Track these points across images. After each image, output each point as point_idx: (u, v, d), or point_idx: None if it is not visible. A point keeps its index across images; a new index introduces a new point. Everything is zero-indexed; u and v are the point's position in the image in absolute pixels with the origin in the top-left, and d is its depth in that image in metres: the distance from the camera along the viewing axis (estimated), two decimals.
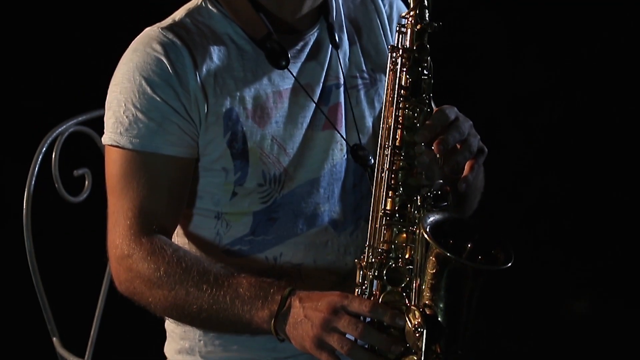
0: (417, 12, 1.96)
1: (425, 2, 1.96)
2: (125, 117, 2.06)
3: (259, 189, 2.11)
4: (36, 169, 2.65)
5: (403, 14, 1.98)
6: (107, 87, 2.14)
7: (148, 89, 2.05)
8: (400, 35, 1.97)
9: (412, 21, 1.96)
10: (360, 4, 2.28)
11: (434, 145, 1.90)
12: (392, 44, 2.02)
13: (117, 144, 2.07)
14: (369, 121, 2.20)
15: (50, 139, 2.68)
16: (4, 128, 4.21)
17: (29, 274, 2.67)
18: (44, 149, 2.67)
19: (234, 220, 2.14)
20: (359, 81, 2.21)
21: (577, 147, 4.50)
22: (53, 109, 3.57)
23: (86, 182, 2.70)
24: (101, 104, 2.22)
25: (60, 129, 2.70)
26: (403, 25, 1.98)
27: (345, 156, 2.17)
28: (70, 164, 2.69)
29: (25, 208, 2.65)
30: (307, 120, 2.14)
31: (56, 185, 2.69)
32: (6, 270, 3.83)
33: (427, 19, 1.96)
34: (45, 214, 2.82)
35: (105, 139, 2.10)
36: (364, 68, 2.22)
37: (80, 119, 2.73)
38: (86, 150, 2.75)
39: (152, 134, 2.05)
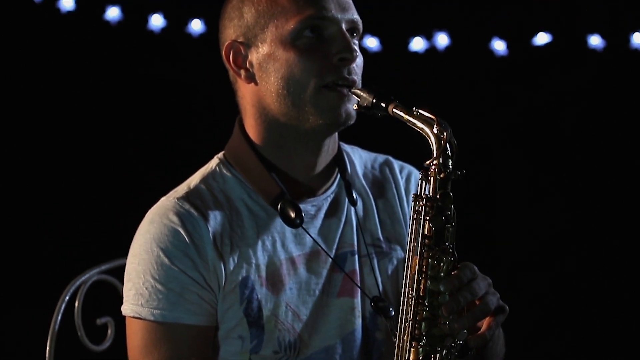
0: (441, 160, 1.94)
1: (449, 150, 1.94)
2: (145, 288, 2.07)
3: (274, 356, 2.10)
4: (59, 317, 2.65)
5: (427, 162, 1.96)
6: (131, 237, 2.16)
7: (166, 260, 2.06)
8: (424, 184, 1.96)
9: (436, 169, 1.94)
10: (379, 170, 2.30)
11: (444, 305, 1.89)
12: (415, 192, 1.99)
13: (138, 316, 2.07)
14: (382, 288, 2.19)
15: (74, 287, 2.68)
16: (27, 276, 4.23)
17: None
18: (67, 297, 2.67)
19: None
20: (373, 249, 2.21)
21: (603, 293, 4.46)
22: (76, 258, 3.60)
23: (109, 331, 2.70)
24: (124, 254, 2.23)
25: (83, 278, 2.71)
26: (427, 173, 1.96)
27: (362, 323, 2.16)
28: (93, 312, 2.70)
29: (48, 356, 2.64)
30: (321, 286, 2.14)
31: (79, 334, 2.68)
32: None
33: (450, 167, 1.94)
34: None
35: (127, 311, 2.10)
36: (380, 237, 2.23)
37: (103, 267, 2.74)
38: (109, 299, 2.75)
39: (172, 305, 2.06)
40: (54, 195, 4.34)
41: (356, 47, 2.10)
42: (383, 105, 2.01)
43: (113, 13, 4.29)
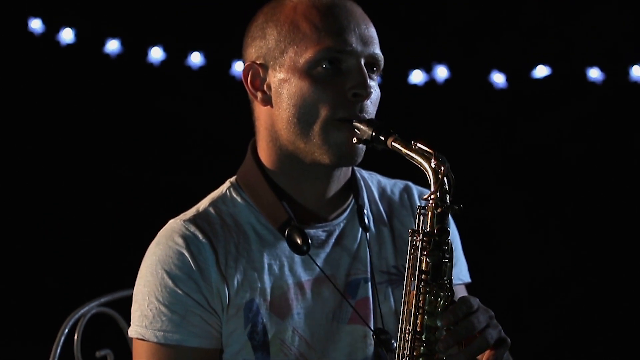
0: (438, 195, 1.91)
1: (446, 185, 1.91)
2: (149, 310, 2.07)
3: None
4: (58, 350, 2.64)
5: (424, 197, 1.93)
6: (130, 269, 2.16)
7: (170, 283, 2.06)
8: (421, 218, 1.93)
9: (433, 204, 1.91)
10: (398, 196, 2.28)
11: (440, 340, 1.87)
12: (412, 227, 1.97)
13: (142, 337, 2.07)
14: (395, 317, 2.16)
15: (73, 320, 2.67)
16: (26, 309, 4.22)
17: None
18: (67, 330, 2.66)
19: None
20: (387, 277, 2.19)
21: (603, 329, 4.46)
22: (75, 290, 3.59)
23: None
24: (123, 286, 2.22)
25: (82, 310, 2.69)
26: (424, 208, 1.93)
27: (374, 351, 2.14)
28: (92, 345, 2.68)
29: None
30: (330, 312, 2.12)
31: None
32: None
33: (448, 201, 1.92)
34: None
35: (132, 332, 2.10)
36: (394, 264, 2.20)
37: (102, 300, 2.73)
38: (108, 331, 2.75)
39: (176, 327, 2.05)
40: (53, 228, 4.34)
41: (372, 83, 2.08)
42: (382, 138, 1.99)
43: (113, 46, 4.31)
